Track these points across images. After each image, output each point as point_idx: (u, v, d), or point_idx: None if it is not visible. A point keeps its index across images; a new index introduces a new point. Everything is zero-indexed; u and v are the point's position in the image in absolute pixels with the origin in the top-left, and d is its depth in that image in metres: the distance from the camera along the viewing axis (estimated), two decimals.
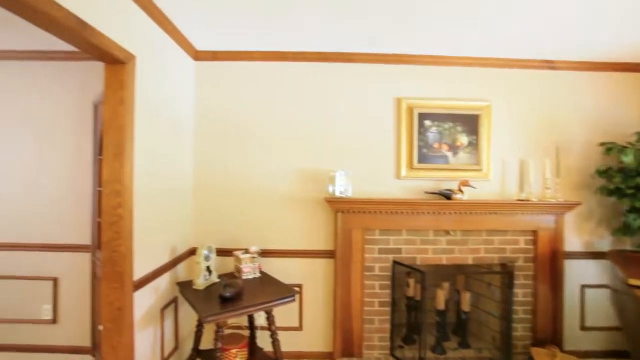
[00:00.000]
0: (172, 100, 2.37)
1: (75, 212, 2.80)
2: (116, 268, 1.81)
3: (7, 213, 2.84)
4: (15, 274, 2.83)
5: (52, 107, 2.82)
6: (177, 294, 2.46)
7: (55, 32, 1.48)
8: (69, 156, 2.81)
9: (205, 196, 2.76)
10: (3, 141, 2.84)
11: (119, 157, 1.80)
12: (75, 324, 2.82)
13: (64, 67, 2.83)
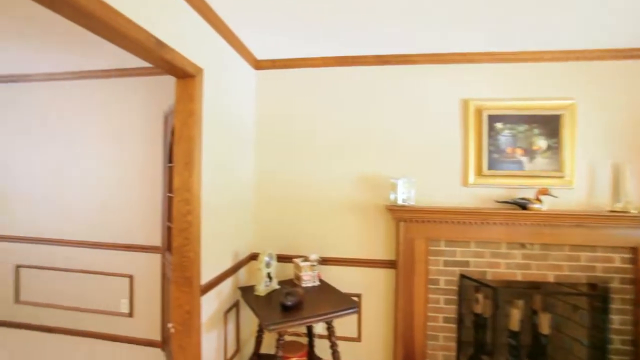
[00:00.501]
0: (235, 110, 2.44)
1: (147, 215, 3.02)
2: (185, 273, 1.89)
3: (92, 215, 3.15)
4: (99, 269, 3.13)
5: (128, 119, 3.08)
6: (238, 298, 2.53)
7: (136, 52, 1.57)
8: (142, 164, 3.04)
9: (265, 203, 2.81)
10: (89, 150, 3.16)
11: (188, 167, 1.87)
12: (147, 319, 3.03)
13: (137, 82, 3.07)
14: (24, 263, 3.32)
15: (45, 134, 3.28)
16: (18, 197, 3.35)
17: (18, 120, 3.35)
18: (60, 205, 3.23)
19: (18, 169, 3.35)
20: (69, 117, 3.22)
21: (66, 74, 3.18)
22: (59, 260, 3.23)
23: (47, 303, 3.27)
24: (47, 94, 3.27)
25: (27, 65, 3.00)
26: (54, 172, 3.26)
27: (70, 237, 3.21)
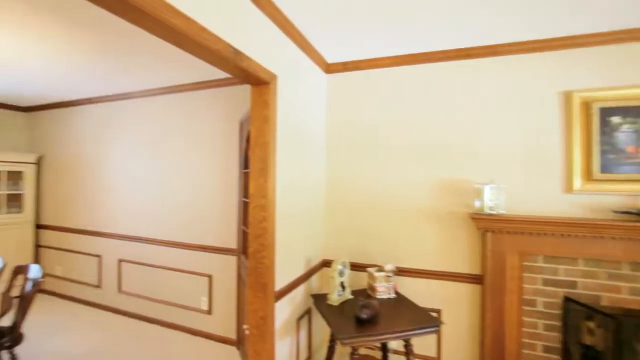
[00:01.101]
0: (306, 115, 2.43)
1: (224, 219, 3.17)
2: (260, 279, 1.90)
3: (177, 218, 3.42)
4: (184, 268, 3.39)
5: (208, 127, 3.28)
6: (310, 305, 2.49)
7: (216, 62, 1.62)
8: (220, 169, 3.21)
9: (336, 209, 2.74)
10: (176, 158, 3.45)
11: (263, 173, 1.89)
12: (224, 317, 3.18)
13: (217, 92, 3.26)
14: (125, 258, 3.75)
15: (141, 145, 3.67)
16: (120, 201, 3.80)
17: (120, 133, 3.81)
18: (152, 209, 3.57)
19: (120, 177, 3.81)
20: (161, 128, 3.55)
21: (157, 90, 3.53)
22: (152, 257, 3.58)
23: (141, 294, 3.65)
24: (143, 108, 3.66)
25: (127, 85, 3.39)
26: (148, 179, 3.62)
27: (160, 237, 3.53)
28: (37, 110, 4.53)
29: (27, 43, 2.42)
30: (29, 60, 2.75)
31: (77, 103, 4.15)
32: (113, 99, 3.86)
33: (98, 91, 3.74)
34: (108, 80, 3.30)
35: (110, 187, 3.89)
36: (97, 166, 3.99)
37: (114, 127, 3.88)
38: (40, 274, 2.43)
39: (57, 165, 4.34)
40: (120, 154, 3.82)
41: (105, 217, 3.91)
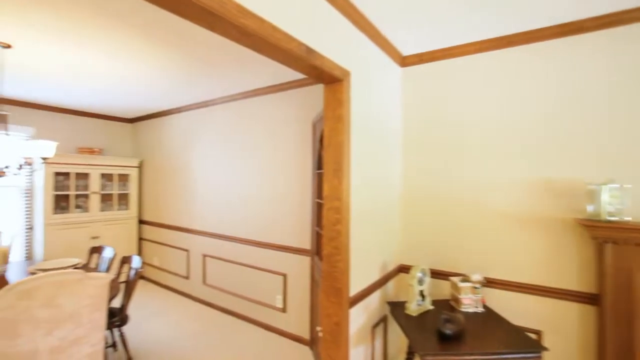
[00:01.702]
0: (381, 113, 2.30)
1: (298, 219, 3.20)
2: (335, 283, 1.84)
3: (254, 217, 3.57)
4: (261, 266, 3.52)
5: (283, 129, 3.35)
6: (386, 313, 2.36)
7: (288, 61, 1.60)
8: (295, 171, 3.25)
9: (414, 211, 2.56)
10: (255, 159, 3.60)
11: (337, 174, 1.82)
12: (298, 316, 3.21)
13: (290, 94, 3.31)
14: (208, 253, 4.05)
15: (221, 149, 3.92)
16: (204, 201, 4.12)
17: (203, 138, 4.13)
18: (232, 209, 3.79)
19: (204, 179, 4.13)
20: (238, 132, 3.75)
21: (235, 95, 3.73)
22: (232, 254, 3.80)
23: (222, 288, 3.90)
24: (223, 114, 3.91)
25: (209, 93, 3.65)
26: (228, 181, 3.85)
27: (239, 235, 3.72)
28: (139, 120, 5.17)
29: (131, 65, 2.74)
30: (131, 78, 3.12)
31: (168, 113, 4.62)
32: (197, 107, 4.20)
33: (185, 101, 4.10)
34: (193, 90, 3.59)
35: (196, 188, 4.24)
36: (185, 169, 4.39)
37: (198, 133, 4.22)
38: (140, 264, 2.73)
39: (154, 168, 4.89)
40: (204, 157, 4.14)
41: (192, 216, 4.28)
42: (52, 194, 4.10)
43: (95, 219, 4.48)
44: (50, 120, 4.44)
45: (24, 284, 1.56)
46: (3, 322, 1.53)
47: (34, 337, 1.64)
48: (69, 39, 2.39)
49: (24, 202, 4.26)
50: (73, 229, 4.27)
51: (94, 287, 1.82)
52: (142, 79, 3.22)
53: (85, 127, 4.79)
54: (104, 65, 2.89)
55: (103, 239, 4.53)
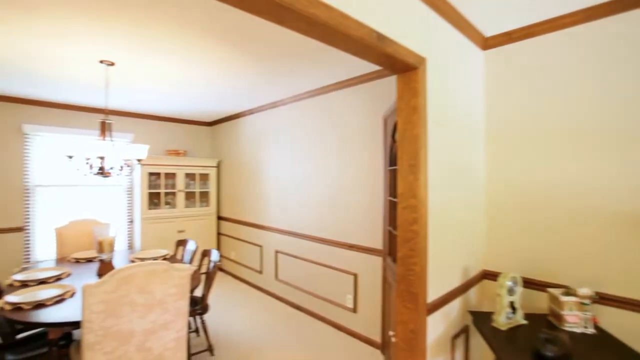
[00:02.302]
0: (460, 102, 2.08)
1: (369, 218, 3.10)
2: (410, 288, 1.71)
3: (325, 215, 3.56)
4: (331, 264, 3.50)
5: (352, 125, 3.28)
6: (468, 323, 2.14)
7: (358, 51, 1.51)
8: (365, 167, 3.15)
9: (501, 211, 2.28)
10: (324, 158, 3.60)
11: (413, 170, 1.69)
12: (369, 318, 3.11)
13: (358, 90, 3.22)
14: (280, 249, 4.17)
15: (291, 147, 4.00)
16: (276, 198, 4.25)
17: (274, 137, 4.26)
18: (303, 206, 3.84)
19: (276, 177, 4.26)
20: (308, 130, 3.78)
21: (303, 94, 3.76)
22: (303, 251, 3.85)
23: (294, 284, 3.97)
24: (292, 113, 3.98)
25: (279, 93, 3.75)
26: (299, 179, 3.91)
27: (310, 232, 3.76)
28: (217, 123, 5.57)
29: (211, 72, 2.93)
30: (211, 85, 3.34)
31: (242, 115, 4.87)
32: (268, 107, 4.34)
33: (257, 103, 4.27)
34: (265, 92, 3.71)
35: (268, 186, 4.40)
36: (257, 168, 4.59)
37: (269, 133, 4.37)
38: (218, 258, 2.90)
39: (230, 168, 5.21)
40: (275, 156, 4.27)
41: (265, 213, 4.45)
42: (147, 192, 4.62)
43: (181, 214, 4.93)
44: (144, 126, 5.02)
45: (123, 271, 1.75)
46: (109, 303, 1.72)
47: (132, 319, 1.82)
48: (161, 54, 2.63)
49: (126, 199, 4.88)
50: (163, 223, 4.76)
51: (178, 278, 1.97)
52: (220, 85, 3.42)
53: (172, 131, 5.31)
54: (188, 75, 3.14)
55: (187, 232, 4.97)
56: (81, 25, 2.16)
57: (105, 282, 1.71)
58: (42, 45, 2.46)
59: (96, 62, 2.79)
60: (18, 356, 2.10)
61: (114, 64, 2.84)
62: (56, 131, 4.30)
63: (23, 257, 4.14)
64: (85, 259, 3.18)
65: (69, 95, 3.91)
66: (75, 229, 3.61)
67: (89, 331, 1.71)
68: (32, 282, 2.50)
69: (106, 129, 2.76)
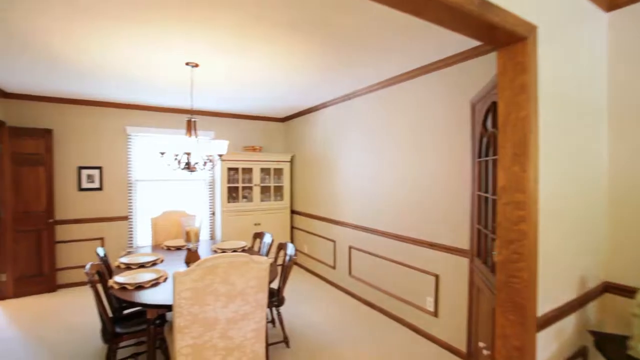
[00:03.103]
0: (577, 77, 1.72)
1: (453, 215, 2.82)
2: (515, 297, 1.45)
3: (401, 210, 3.36)
4: (409, 263, 3.29)
5: (431, 115, 3.01)
6: (586, 344, 1.78)
7: (455, 22, 1.31)
8: (447, 159, 2.87)
9: (628, 208, 1.85)
10: (400, 150, 3.39)
11: (519, 159, 1.42)
12: (452, 324, 2.84)
13: (439, 75, 2.94)
14: (354, 245, 4.07)
15: (366, 140, 3.85)
16: (350, 193, 4.15)
17: (347, 131, 4.15)
18: (378, 201, 3.68)
19: (349, 171, 4.16)
20: (383, 122, 3.59)
21: (377, 85, 3.57)
22: (378, 248, 3.70)
23: (367, 281, 3.84)
24: (365, 105, 3.83)
25: (352, 85, 3.62)
26: (374, 173, 3.76)
27: (386, 229, 3.58)
28: (290, 119, 5.66)
29: (287, 66, 2.93)
30: (286, 81, 3.36)
31: (314, 109, 4.86)
32: (340, 100, 4.25)
33: (329, 96, 4.21)
34: (339, 83, 3.62)
35: (341, 180, 4.32)
36: (330, 162, 4.53)
37: (341, 126, 4.27)
38: (293, 252, 2.90)
39: (303, 162, 5.26)
40: (348, 150, 4.17)
41: (338, 207, 4.39)
42: (226, 186, 4.90)
43: (257, 208, 5.13)
44: (223, 124, 5.32)
45: (207, 261, 1.81)
46: (196, 291, 1.80)
47: (216, 307, 1.88)
48: (241, 55, 2.71)
49: (208, 192, 5.25)
50: (241, 215, 5.00)
51: (257, 270, 1.98)
52: (296, 79, 3.42)
53: (248, 128, 5.55)
54: (265, 75, 3.22)
55: (262, 225, 5.15)
56: (169, 31, 2.31)
57: (192, 271, 1.79)
58: (135, 52, 2.69)
59: (182, 65, 2.98)
60: (124, 329, 2.34)
61: (198, 66, 3.00)
62: (151, 131, 4.79)
63: (127, 242, 4.72)
64: (175, 247, 3.47)
65: (161, 98, 4.30)
66: (167, 219, 3.96)
67: (179, 315, 1.80)
68: (134, 265, 2.78)
69: (191, 127, 2.93)
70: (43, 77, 3.38)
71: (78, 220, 4.43)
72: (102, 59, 2.86)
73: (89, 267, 2.24)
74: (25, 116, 4.17)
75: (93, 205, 4.51)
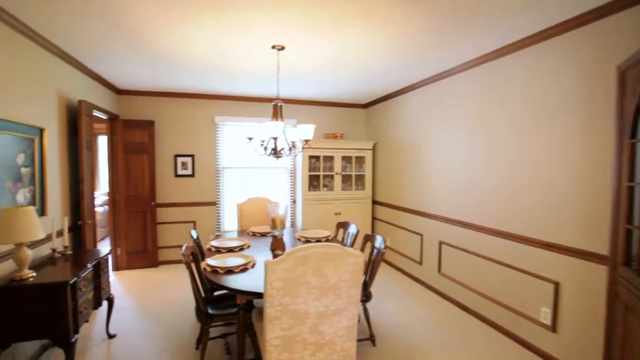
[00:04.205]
0: None
1: (581, 209, 2.28)
2: None
3: (510, 202, 2.87)
4: (516, 265, 2.81)
5: (554, 88, 2.47)
6: None
7: None
8: (573, 141, 2.33)
9: None
10: (507, 132, 2.89)
11: None
12: (577, 343, 2.33)
13: (563, 41, 2.38)
14: (445, 240, 3.67)
15: (463, 123, 3.40)
16: (442, 182, 3.75)
17: (440, 113, 3.73)
18: (477, 192, 3.22)
19: (441, 158, 3.74)
20: (488, 101, 3.11)
21: (478, 59, 3.08)
22: (475, 245, 3.26)
23: (461, 281, 3.43)
24: (466, 83, 3.36)
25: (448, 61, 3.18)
26: (472, 160, 3.30)
27: (486, 224, 3.13)
28: (371, 105, 5.38)
29: (378, 44, 2.67)
30: (373, 59, 3.10)
31: (400, 93, 4.50)
32: (432, 80, 3.83)
33: (418, 76, 3.82)
34: (433, 60, 3.22)
35: (431, 168, 3.92)
36: (418, 149, 4.15)
37: (433, 109, 3.86)
38: (383, 245, 2.67)
39: (387, 150, 4.95)
40: (441, 134, 3.75)
41: (426, 198, 4.01)
42: (307, 174, 4.86)
43: (338, 197, 5.01)
44: (305, 112, 5.28)
45: (299, 251, 1.68)
46: (287, 281, 1.70)
47: (307, 300, 1.76)
48: (331, 33, 2.54)
49: (289, 180, 5.28)
50: (321, 204, 4.93)
51: (352, 264, 1.80)
52: (386, 58, 3.15)
53: (329, 115, 5.43)
54: (355, 55, 3.03)
55: (343, 215, 5.01)
56: (255, 14, 2.24)
57: (284, 260, 1.68)
58: (223, 40, 2.70)
59: (268, 48, 2.92)
60: (216, 311, 2.39)
61: (284, 48, 2.91)
62: (237, 120, 4.96)
63: (215, 226, 5.01)
64: (259, 233, 3.51)
65: (246, 88, 4.39)
66: (251, 205, 4.06)
67: (270, 305, 1.72)
68: (223, 249, 2.85)
69: (278, 111, 2.87)
70: (146, 72, 3.66)
71: (174, 204, 4.83)
72: (192, 50, 2.95)
73: (185, 249, 2.32)
74: (133, 110, 4.63)
75: (186, 191, 4.87)
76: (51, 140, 2.82)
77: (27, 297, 2.00)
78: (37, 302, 2.02)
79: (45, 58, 2.77)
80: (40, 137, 2.64)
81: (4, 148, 2.21)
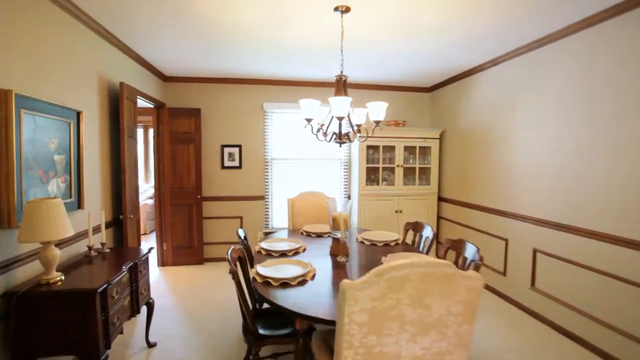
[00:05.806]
0: None
1: None
2: None
3: (619, 202, 2.11)
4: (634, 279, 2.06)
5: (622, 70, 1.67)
6: None
7: None
8: None
9: None
10: (618, 116, 2.11)
11: None
12: None
13: None
14: (541, 248, 2.93)
15: (559, 106, 2.63)
16: (531, 176, 3.00)
17: (527, 94, 2.96)
18: (600, 189, 2.45)
19: (530, 148, 2.99)
20: (590, 79, 2.33)
21: (582, 22, 2.30)
22: (581, 254, 2.52)
23: (561, 300, 2.70)
24: (568, 54, 2.57)
25: (536, 29, 2.43)
26: (571, 150, 2.54)
27: (596, 228, 2.38)
28: (438, 88, 4.66)
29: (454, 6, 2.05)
30: (449, 25, 2.46)
31: (473, 72, 3.77)
32: (516, 54, 3.08)
33: (498, 51, 3.10)
34: (523, 27, 2.51)
35: (517, 160, 3.18)
36: (499, 138, 3.42)
37: (519, 89, 3.11)
38: (477, 256, 2.05)
39: (457, 139, 4.23)
40: (530, 120, 3.00)
41: (512, 195, 3.27)
42: (364, 167, 4.29)
43: (399, 192, 4.39)
44: (364, 96, 4.64)
45: (395, 270, 1.15)
46: (375, 314, 1.17)
47: (398, 340, 1.23)
48: None
49: (343, 173, 4.75)
50: (380, 200, 4.34)
51: (466, 290, 1.24)
52: (471, 21, 2.48)
53: (390, 100, 4.73)
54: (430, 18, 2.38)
55: (405, 213, 4.38)
56: None
57: (371, 283, 1.15)
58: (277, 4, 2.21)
59: (330, 11, 2.40)
60: (268, 331, 1.95)
61: (349, 10, 2.37)
62: (288, 107, 4.51)
63: (263, 223, 4.63)
64: (315, 234, 3.03)
65: (299, 68, 3.91)
66: (304, 200, 3.59)
67: (348, 346, 1.21)
68: (275, 253, 2.40)
69: (341, 85, 2.34)
70: (191, 50, 3.30)
71: (220, 198, 4.51)
72: (242, 15, 2.50)
73: (230, 253, 1.89)
74: (179, 97, 4.37)
75: (233, 184, 4.53)
76: (89, 126, 2.54)
77: (49, 305, 1.69)
78: (61, 312, 1.70)
79: (90, 37, 2.55)
80: (77, 121, 2.36)
81: (34, 132, 1.92)
